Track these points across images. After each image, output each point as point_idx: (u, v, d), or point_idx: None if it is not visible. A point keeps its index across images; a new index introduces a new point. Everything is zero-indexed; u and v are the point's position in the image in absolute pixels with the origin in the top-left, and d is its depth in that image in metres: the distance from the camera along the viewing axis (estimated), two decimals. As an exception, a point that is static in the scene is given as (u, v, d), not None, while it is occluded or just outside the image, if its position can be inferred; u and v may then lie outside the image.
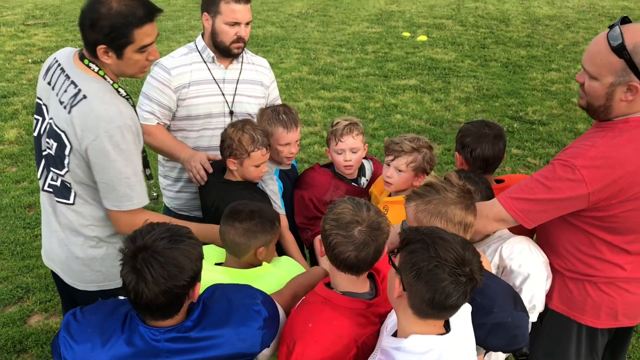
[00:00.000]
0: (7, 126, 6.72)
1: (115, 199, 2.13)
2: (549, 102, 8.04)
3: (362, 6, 15.77)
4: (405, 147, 2.60)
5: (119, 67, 2.16)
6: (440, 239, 1.54)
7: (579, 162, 1.95)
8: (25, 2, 14.81)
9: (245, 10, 2.75)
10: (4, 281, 4.07)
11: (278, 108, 2.80)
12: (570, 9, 16.04)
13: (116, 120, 2.06)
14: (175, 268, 1.63)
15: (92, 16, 2.03)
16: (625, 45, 1.89)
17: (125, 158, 2.08)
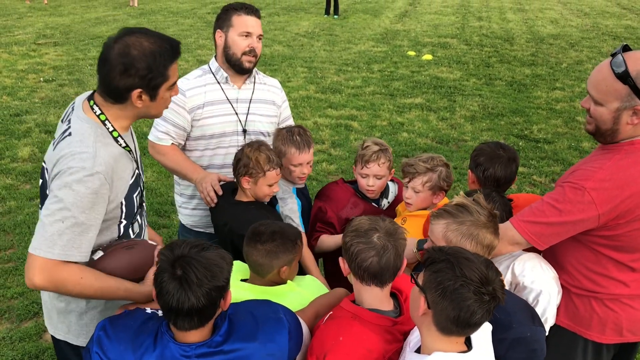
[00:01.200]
0: (20, 144, 6.84)
1: (37, 239, 1.88)
2: (554, 121, 8.12)
3: (368, 25, 15.96)
4: (419, 169, 2.67)
5: (149, 109, 2.08)
6: (465, 259, 1.59)
7: (589, 185, 2.02)
8: (36, 21, 15.08)
9: (257, 23, 2.87)
10: (20, 297, 4.15)
11: (293, 129, 2.89)
12: (574, 28, 16.19)
13: (86, 163, 1.92)
14: (217, 267, 1.68)
15: (125, 60, 1.94)
16: (629, 72, 1.96)
17: (73, 203, 1.88)
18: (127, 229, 2.20)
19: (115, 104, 2.03)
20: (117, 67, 1.95)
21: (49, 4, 18.24)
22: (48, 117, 7.75)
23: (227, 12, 2.88)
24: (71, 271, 1.92)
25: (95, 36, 13.34)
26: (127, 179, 2.11)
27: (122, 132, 2.10)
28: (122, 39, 1.98)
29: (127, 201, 2.13)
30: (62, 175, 1.92)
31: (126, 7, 18.18)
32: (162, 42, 2.01)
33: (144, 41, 1.97)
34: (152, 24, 15.19)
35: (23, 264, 4.50)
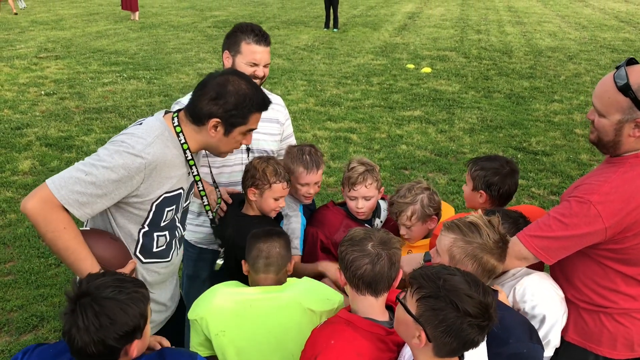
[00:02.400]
0: (21, 157, 6.87)
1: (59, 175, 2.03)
2: (552, 133, 8.16)
3: (367, 39, 16.06)
4: (399, 207, 2.69)
5: (219, 143, 2.21)
6: (467, 296, 1.59)
7: (595, 198, 2.03)
8: (38, 35, 15.18)
9: (265, 52, 2.85)
10: (19, 310, 4.16)
11: (304, 148, 2.88)
12: (572, 41, 16.28)
13: (137, 145, 2.06)
14: (107, 319, 1.63)
15: (219, 90, 2.12)
16: (630, 85, 1.98)
17: (104, 167, 2.01)
18: (150, 238, 2.27)
19: (193, 123, 2.17)
20: (210, 92, 2.13)
21: (50, 18, 18.36)
22: (49, 131, 7.79)
23: (237, 36, 2.85)
24: (61, 217, 2.01)
25: (96, 49, 13.43)
26: (166, 187, 2.19)
27: (192, 150, 2.24)
28: (227, 74, 2.18)
29: (156, 209, 2.21)
30: (113, 142, 2.09)
31: (127, 21, 18.30)
32: (257, 92, 2.18)
33: (243, 83, 2.16)
34: (153, 38, 15.30)
35: (23, 277, 4.52)
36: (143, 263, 2.32)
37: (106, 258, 2.10)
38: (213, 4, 23.96)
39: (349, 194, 2.83)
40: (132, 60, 12.44)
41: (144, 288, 1.77)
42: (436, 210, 2.73)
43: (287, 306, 2.23)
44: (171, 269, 2.45)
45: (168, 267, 2.41)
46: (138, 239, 2.25)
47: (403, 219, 2.69)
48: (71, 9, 21.11)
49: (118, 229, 2.23)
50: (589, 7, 25.99)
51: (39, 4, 22.48)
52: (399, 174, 6.63)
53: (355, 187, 2.79)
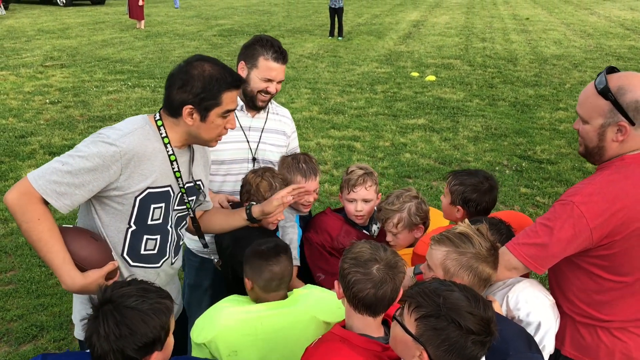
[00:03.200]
0: (24, 165, 6.88)
1: (39, 168, 2.07)
2: (557, 141, 8.11)
3: (372, 47, 16.08)
4: (387, 213, 2.68)
5: (199, 130, 2.20)
6: (468, 313, 1.55)
7: (577, 199, 2.01)
8: (44, 44, 15.27)
9: (281, 70, 2.84)
10: (19, 319, 4.13)
11: (299, 156, 2.87)
12: (578, 49, 16.25)
13: (113, 135, 2.09)
14: (127, 329, 1.61)
15: (184, 77, 2.13)
16: (610, 88, 2.00)
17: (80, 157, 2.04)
18: (138, 239, 2.24)
19: (170, 116, 2.19)
20: (177, 82, 2.14)
21: (56, 27, 18.48)
22: (52, 139, 7.81)
23: (256, 49, 2.82)
24: (37, 208, 2.03)
25: (102, 58, 13.49)
26: (149, 180, 2.17)
27: (175, 145, 2.24)
28: (191, 61, 2.18)
29: (140, 203, 2.19)
30: (92, 135, 2.13)
31: (133, 30, 18.40)
32: (223, 71, 2.17)
33: (207, 65, 2.16)
34: (158, 46, 15.37)
35: (23, 287, 4.50)
36: (130, 266, 2.29)
37: (82, 256, 2.09)
38: (218, 13, 24.08)
39: (347, 196, 2.83)
40: (137, 68, 12.48)
41: (168, 299, 1.74)
42: (423, 220, 2.72)
43: (300, 321, 2.19)
44: (162, 277, 2.40)
45: (158, 274, 2.36)
46: (125, 239, 2.23)
47: (389, 226, 2.68)
48: (77, 18, 21.25)
49: (104, 228, 2.21)
50: (595, 14, 25.96)
51: (46, 13, 22.64)
52: (402, 183, 6.60)
53: (355, 189, 2.79)
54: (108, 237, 2.23)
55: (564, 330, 2.27)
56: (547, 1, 33.38)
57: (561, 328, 2.28)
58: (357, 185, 2.79)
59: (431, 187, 6.49)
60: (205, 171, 2.48)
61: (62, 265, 2.05)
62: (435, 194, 6.27)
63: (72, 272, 2.07)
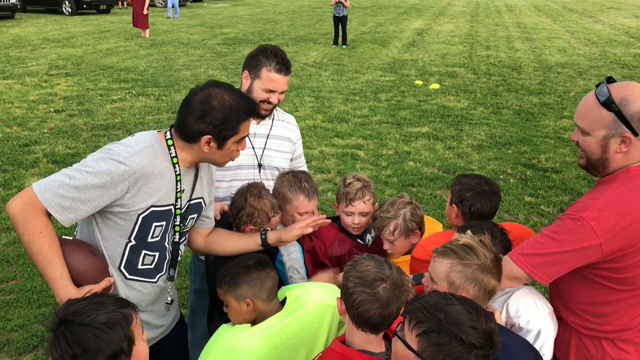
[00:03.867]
0: (28, 174, 6.88)
1: (45, 179, 2.06)
2: (562, 150, 8.07)
3: (376, 55, 16.09)
4: (382, 221, 2.66)
5: (214, 156, 2.21)
6: (470, 327, 1.52)
7: (587, 214, 1.98)
8: (49, 53, 15.35)
9: (284, 81, 2.82)
10: (20, 329, 4.12)
11: (299, 175, 2.80)
12: (582, 57, 16.22)
13: (123, 153, 2.07)
14: (79, 347, 1.56)
15: (204, 108, 2.11)
16: (613, 99, 1.97)
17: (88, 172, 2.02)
18: (136, 254, 2.23)
19: (183, 140, 2.19)
20: (195, 111, 2.12)
21: (62, 36, 18.58)
22: (56, 148, 7.82)
23: (260, 60, 2.82)
24: (40, 221, 2.02)
25: (106, 67, 13.54)
26: (154, 199, 2.16)
27: (183, 165, 2.23)
28: (207, 88, 2.15)
29: (142, 221, 2.18)
30: (101, 150, 2.12)
31: (138, 38, 18.48)
32: (241, 100, 2.17)
33: (225, 95, 2.14)
34: (163, 55, 15.42)
35: (25, 296, 4.48)
36: (127, 279, 2.28)
37: (79, 270, 2.08)
38: (223, 22, 24.18)
39: (345, 209, 2.81)
40: (142, 77, 12.52)
41: (128, 308, 1.69)
42: (419, 225, 2.70)
43: (316, 314, 2.19)
44: (157, 291, 2.39)
45: (153, 288, 2.36)
46: (124, 253, 2.22)
47: (386, 234, 2.66)
48: (83, 27, 21.37)
49: (103, 240, 2.20)
50: (599, 22, 25.94)
51: (52, 22, 22.77)
52: (406, 191, 6.56)
53: (353, 203, 2.77)
54: (106, 250, 2.22)
55: (568, 343, 2.24)
56: (551, 9, 33.40)
57: (565, 341, 2.25)
58: (356, 199, 2.76)
59: (435, 196, 6.46)
60: (209, 188, 2.46)
61: (59, 279, 2.05)
62: (439, 203, 6.23)
63: (69, 287, 2.06)
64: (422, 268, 2.48)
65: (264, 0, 37.96)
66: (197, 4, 33.63)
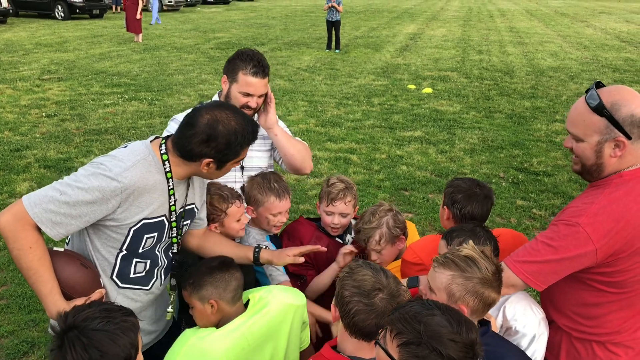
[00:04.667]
0: (19, 179, 6.85)
1: (35, 193, 2.04)
2: (554, 153, 8.10)
3: (369, 60, 16.13)
4: (366, 233, 2.67)
5: (210, 175, 2.22)
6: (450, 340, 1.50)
7: (582, 220, 1.99)
8: (41, 57, 15.30)
9: (261, 84, 2.80)
10: (10, 335, 4.09)
11: (268, 176, 2.80)
12: (574, 61, 16.31)
13: (115, 168, 2.04)
14: (97, 351, 1.58)
15: (210, 132, 2.06)
16: (604, 104, 1.98)
17: (79, 187, 1.99)
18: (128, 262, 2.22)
19: (181, 157, 2.14)
20: (200, 134, 2.07)
21: (54, 41, 18.53)
22: (48, 152, 7.79)
23: (236, 64, 2.82)
24: (30, 236, 2.00)
25: (99, 71, 13.51)
26: (145, 212, 2.14)
27: (176, 177, 2.20)
28: (213, 111, 2.09)
29: (134, 234, 2.16)
30: (92, 164, 2.08)
31: (131, 43, 18.46)
32: (246, 125, 2.13)
33: (232, 121, 2.09)
34: (156, 59, 15.40)
35: (15, 302, 4.45)
36: (119, 288, 2.27)
37: (71, 284, 2.07)
38: (216, 26, 24.18)
39: (326, 208, 2.84)
40: (134, 81, 12.50)
41: (133, 316, 1.71)
42: (402, 230, 2.72)
43: (279, 313, 2.21)
44: (150, 298, 2.38)
45: (147, 295, 2.35)
46: (115, 263, 2.21)
47: (372, 244, 2.66)
48: (76, 31, 21.32)
49: (95, 251, 2.19)
50: (591, 27, 26.11)
51: (44, 26, 22.72)
52: (399, 195, 6.58)
53: (334, 203, 2.80)
54: (97, 260, 2.20)
55: (559, 346, 2.25)
56: (543, 14, 33.59)
57: (556, 343, 2.26)
58: (337, 199, 2.80)
59: (427, 200, 6.47)
60: (200, 192, 2.45)
61: (49, 294, 2.03)
62: (431, 207, 6.24)
63: (59, 302, 2.04)
64: (412, 271, 2.48)
65: (257, 5, 38.02)
66: (190, 9, 33.63)
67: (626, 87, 2.05)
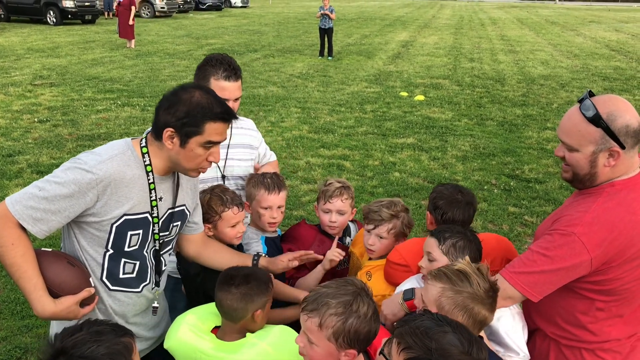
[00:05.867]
0: (11, 184, 6.82)
1: (17, 192, 2.06)
2: (545, 161, 8.17)
3: (361, 67, 16.20)
4: (384, 216, 2.65)
5: (178, 156, 2.13)
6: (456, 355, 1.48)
7: (578, 230, 2.00)
8: (33, 63, 15.25)
9: (234, 87, 2.76)
10: (3, 341, 4.07)
11: (266, 173, 2.84)
12: (565, 69, 16.46)
13: (90, 161, 2.05)
14: None
15: (173, 99, 2.10)
16: (600, 115, 1.99)
17: (57, 182, 2.02)
18: (116, 262, 2.21)
19: (156, 140, 2.15)
20: (164, 103, 2.11)
21: (46, 46, 18.48)
22: (40, 158, 7.76)
23: (207, 70, 2.79)
24: (12, 233, 2.01)
25: (91, 77, 13.49)
26: (125, 207, 2.13)
27: (158, 172, 2.19)
28: (185, 86, 2.14)
29: (117, 230, 2.15)
30: (71, 160, 2.10)
31: (123, 49, 18.44)
32: (212, 101, 2.11)
33: (198, 93, 2.11)
34: (148, 65, 15.40)
35: (7, 308, 4.43)
36: (110, 290, 2.26)
37: (57, 282, 2.05)
38: (209, 32, 24.20)
39: (323, 206, 2.87)
40: (127, 87, 12.49)
41: (127, 336, 1.66)
42: (408, 232, 2.75)
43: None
44: (142, 301, 2.36)
45: (138, 297, 2.33)
46: (103, 263, 2.20)
47: (382, 230, 2.64)
48: (68, 37, 21.28)
49: (82, 251, 2.19)
50: (581, 36, 26.37)
51: (36, 31, 22.65)
52: (391, 202, 6.61)
53: (331, 200, 2.83)
54: (87, 260, 2.20)
55: (547, 354, 2.26)
56: (534, 22, 33.88)
57: (544, 351, 2.27)
58: (334, 196, 2.83)
59: (420, 206, 6.51)
60: (192, 195, 2.43)
61: (33, 291, 2.02)
62: (424, 213, 6.26)
63: (43, 299, 2.02)
64: (395, 271, 2.51)
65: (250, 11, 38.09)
66: (182, 15, 33.64)
67: (618, 96, 2.07)
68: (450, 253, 2.25)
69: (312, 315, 1.78)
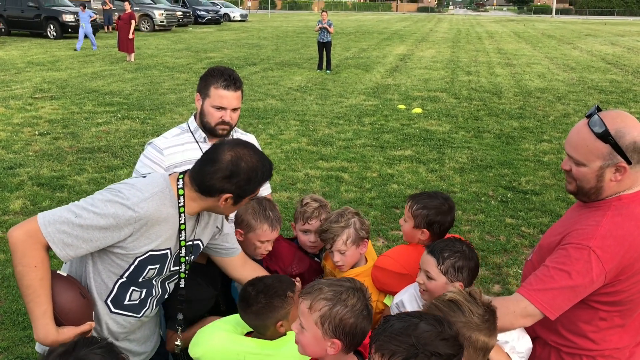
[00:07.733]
0: (12, 197, 6.86)
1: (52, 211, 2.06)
2: (542, 172, 8.24)
3: (360, 80, 16.32)
4: (335, 231, 2.68)
5: (225, 210, 2.24)
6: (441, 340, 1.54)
7: (592, 243, 2.01)
8: (34, 76, 15.35)
9: (233, 97, 2.82)
10: (5, 351, 4.09)
11: (264, 203, 2.79)
12: (561, 82, 16.59)
13: (133, 198, 2.06)
14: None
15: (233, 169, 2.11)
16: (609, 131, 2.01)
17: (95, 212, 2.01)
18: (125, 290, 2.23)
19: (199, 192, 2.17)
20: (224, 171, 2.11)
21: (46, 60, 18.59)
22: (41, 170, 7.81)
23: (208, 79, 2.85)
24: (38, 255, 2.01)
25: (92, 90, 13.57)
26: (154, 244, 2.16)
27: (188, 212, 2.22)
28: (235, 148, 2.14)
29: (139, 263, 2.18)
30: (110, 190, 2.09)
31: (123, 62, 18.56)
32: (265, 162, 2.19)
33: (253, 157, 2.15)
34: (148, 79, 15.50)
35: (9, 319, 4.46)
36: (111, 312, 2.27)
37: (65, 311, 2.07)
38: (208, 46, 24.37)
39: (302, 227, 2.87)
40: (127, 100, 12.57)
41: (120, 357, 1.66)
42: (367, 234, 2.75)
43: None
44: (139, 324, 2.40)
45: (137, 322, 2.37)
46: (113, 289, 2.22)
47: (339, 244, 2.66)
48: (68, 51, 21.41)
49: (95, 274, 2.19)
50: (577, 49, 26.58)
51: (36, 45, 22.79)
52: (390, 213, 6.66)
53: (310, 222, 2.84)
54: (95, 283, 2.21)
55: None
56: (531, 36, 34.13)
57: (544, 358, 2.29)
58: (312, 217, 2.83)
59: (418, 218, 6.55)
60: (210, 229, 2.45)
61: (41, 317, 2.02)
62: (422, 225, 6.32)
63: (49, 327, 2.03)
64: (392, 279, 2.54)
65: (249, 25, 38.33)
66: (182, 29, 33.86)
67: (626, 112, 2.09)
68: (449, 273, 2.25)
69: (306, 298, 1.84)
